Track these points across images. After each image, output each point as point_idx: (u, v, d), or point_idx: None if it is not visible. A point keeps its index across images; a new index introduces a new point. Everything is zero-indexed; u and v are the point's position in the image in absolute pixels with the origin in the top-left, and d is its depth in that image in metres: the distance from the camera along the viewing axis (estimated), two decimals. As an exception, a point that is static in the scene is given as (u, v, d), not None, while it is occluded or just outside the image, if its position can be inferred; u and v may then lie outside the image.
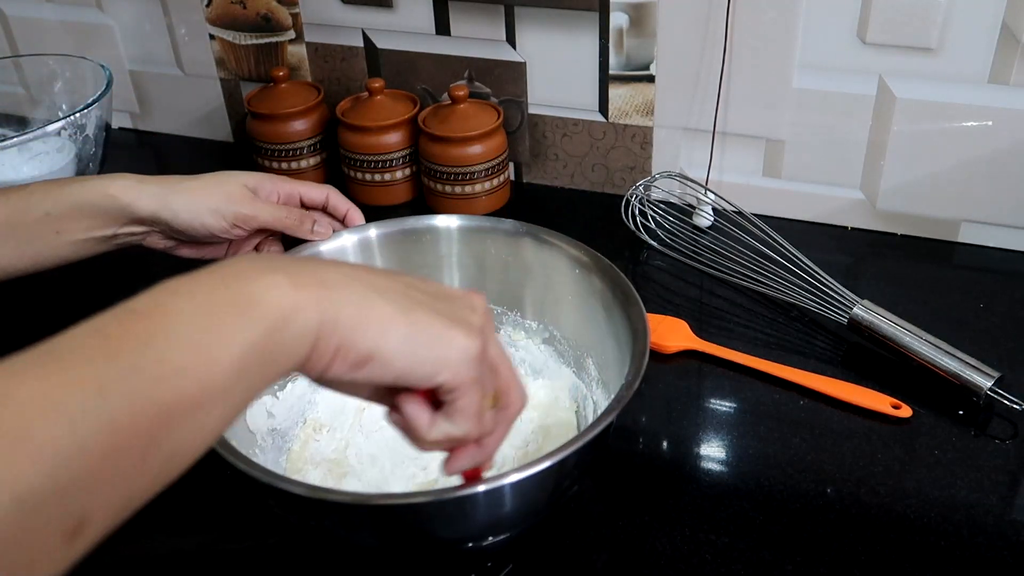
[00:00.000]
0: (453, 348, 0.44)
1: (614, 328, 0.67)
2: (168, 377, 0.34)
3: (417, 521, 0.56)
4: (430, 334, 0.44)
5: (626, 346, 0.63)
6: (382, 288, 0.44)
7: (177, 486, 0.37)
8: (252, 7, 1.09)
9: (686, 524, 0.64)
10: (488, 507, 0.55)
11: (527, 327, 0.76)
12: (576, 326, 0.73)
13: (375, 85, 1.00)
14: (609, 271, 0.69)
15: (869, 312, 0.78)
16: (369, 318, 0.42)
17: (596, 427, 0.55)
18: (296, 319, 0.39)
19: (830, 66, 0.89)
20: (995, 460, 0.69)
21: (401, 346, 0.43)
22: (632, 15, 0.93)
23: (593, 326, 0.70)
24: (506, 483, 0.52)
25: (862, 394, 0.74)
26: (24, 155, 1.03)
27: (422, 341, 0.44)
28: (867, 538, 0.63)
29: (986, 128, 0.87)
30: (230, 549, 0.66)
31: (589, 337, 0.72)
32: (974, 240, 0.93)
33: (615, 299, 0.67)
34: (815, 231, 0.97)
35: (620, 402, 0.57)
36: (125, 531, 0.35)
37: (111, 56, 1.18)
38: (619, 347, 0.65)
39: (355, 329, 0.42)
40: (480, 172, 0.97)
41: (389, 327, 0.43)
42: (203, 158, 1.19)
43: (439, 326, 0.44)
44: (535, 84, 1.01)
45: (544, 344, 0.76)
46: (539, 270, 0.74)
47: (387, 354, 0.42)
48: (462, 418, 0.46)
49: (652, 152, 1.00)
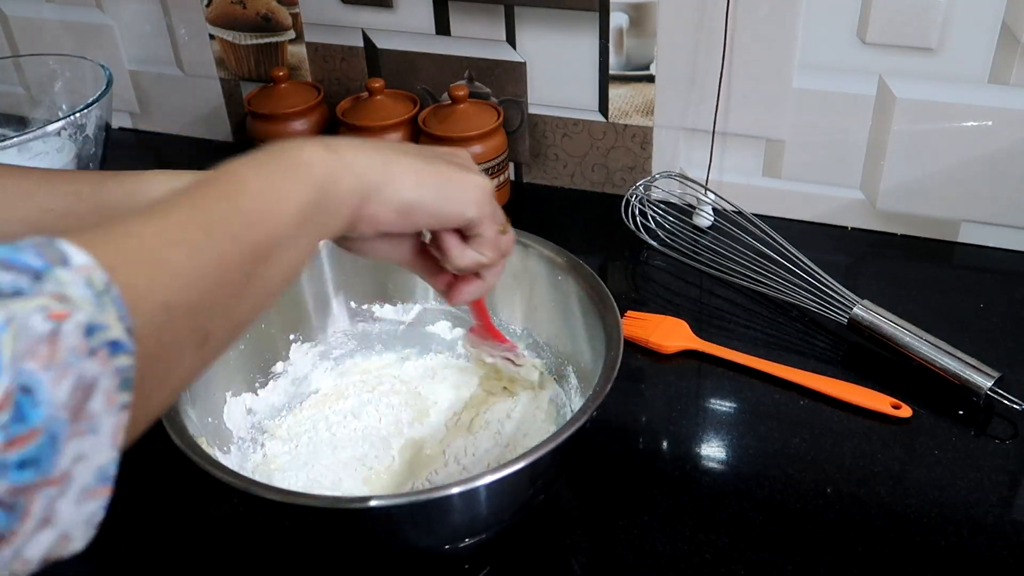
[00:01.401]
0: (474, 187, 0.53)
1: (590, 333, 0.67)
2: (252, 223, 0.42)
3: (393, 523, 0.56)
4: (454, 179, 0.52)
5: (601, 353, 0.63)
6: (403, 149, 0.52)
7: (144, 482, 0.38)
8: (252, 7, 1.09)
9: (686, 524, 0.64)
10: (463, 509, 0.56)
11: (511, 332, 0.76)
12: (558, 333, 0.73)
13: (375, 85, 1.00)
14: (588, 277, 0.69)
15: (869, 312, 0.78)
16: (404, 174, 0.50)
17: (569, 428, 0.56)
18: (337, 180, 0.47)
19: (830, 66, 0.89)
20: (995, 460, 0.69)
21: (436, 191, 0.51)
22: (632, 15, 0.93)
23: (570, 333, 0.71)
24: (480, 484, 0.53)
25: (862, 394, 0.74)
26: (24, 155, 1.02)
27: (450, 186, 0.52)
28: (867, 538, 0.63)
29: (986, 128, 0.87)
30: (203, 551, 0.66)
31: (567, 344, 0.72)
32: (974, 240, 0.93)
33: (592, 304, 0.67)
34: (815, 231, 0.97)
35: (595, 400, 0.58)
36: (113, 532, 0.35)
37: (111, 56, 1.18)
38: (595, 354, 0.65)
39: (393, 185, 0.49)
40: (480, 172, 0.97)
41: (421, 178, 0.51)
42: (203, 158, 1.18)
43: (456, 172, 0.53)
44: (535, 84, 1.01)
45: (528, 350, 0.75)
46: (522, 275, 0.73)
47: (425, 201, 0.51)
48: (486, 246, 0.56)
49: (652, 152, 1.00)
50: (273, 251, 0.43)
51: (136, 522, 0.66)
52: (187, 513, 0.68)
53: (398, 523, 0.56)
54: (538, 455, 0.54)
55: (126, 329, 0.33)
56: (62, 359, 0.30)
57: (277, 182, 0.45)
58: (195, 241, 0.39)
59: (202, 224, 0.40)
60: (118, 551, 0.64)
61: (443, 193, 0.52)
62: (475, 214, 0.53)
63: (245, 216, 0.42)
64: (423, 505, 0.54)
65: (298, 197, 0.45)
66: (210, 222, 0.41)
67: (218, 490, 0.54)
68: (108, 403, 0.32)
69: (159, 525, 0.67)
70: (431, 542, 0.60)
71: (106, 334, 0.32)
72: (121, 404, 0.33)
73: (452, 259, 0.56)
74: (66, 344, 0.30)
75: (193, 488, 0.67)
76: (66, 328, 0.31)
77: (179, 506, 0.68)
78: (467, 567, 0.63)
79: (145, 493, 0.67)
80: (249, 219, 0.42)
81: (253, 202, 0.43)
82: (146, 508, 0.67)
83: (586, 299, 0.68)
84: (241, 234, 0.42)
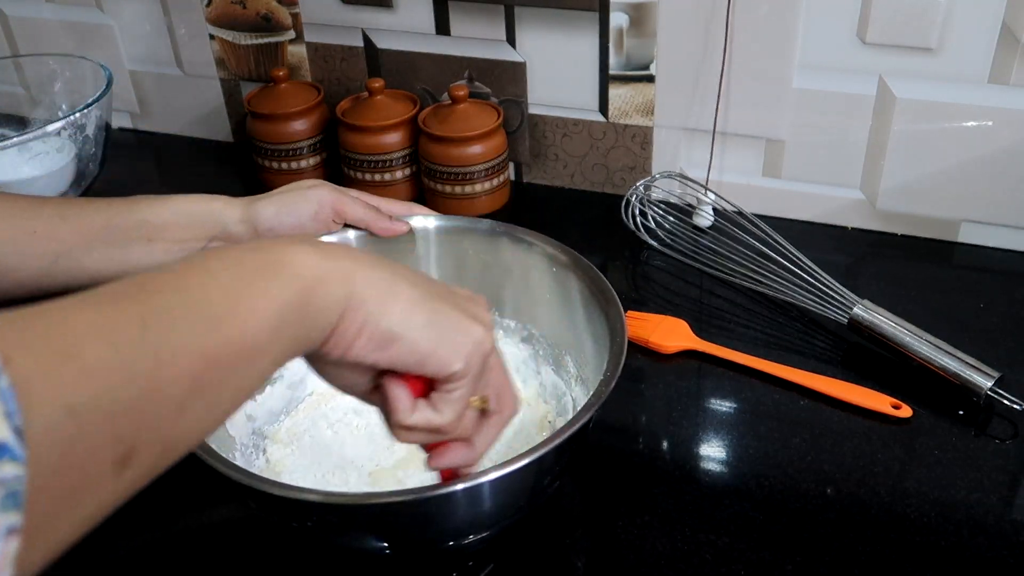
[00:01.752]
0: (470, 338, 0.46)
1: (592, 326, 0.67)
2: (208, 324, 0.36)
3: (397, 520, 0.56)
4: (451, 323, 0.46)
5: (604, 344, 0.63)
6: (406, 275, 0.46)
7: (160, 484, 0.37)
8: (252, 7, 1.09)
9: (686, 524, 0.64)
10: (468, 505, 0.56)
11: (505, 326, 0.76)
12: (554, 324, 0.73)
13: (375, 85, 1.00)
14: (588, 270, 0.69)
15: (869, 312, 0.78)
16: (396, 299, 0.44)
17: (575, 423, 0.55)
18: (326, 285, 0.41)
19: (830, 66, 0.89)
20: (995, 460, 0.69)
21: (424, 331, 0.45)
22: (632, 15, 0.93)
23: (571, 324, 0.71)
24: (485, 481, 0.52)
25: (862, 394, 0.74)
26: (24, 155, 1.03)
27: (444, 329, 0.46)
28: (867, 538, 0.63)
29: (986, 128, 0.87)
30: (212, 548, 0.66)
31: (567, 335, 0.72)
32: (974, 240, 0.93)
33: (593, 298, 0.67)
34: (815, 231, 0.97)
35: (599, 398, 0.57)
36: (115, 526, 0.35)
37: (111, 56, 1.18)
38: (597, 345, 0.65)
39: (381, 307, 0.43)
40: (480, 172, 0.97)
41: (413, 311, 0.44)
42: (203, 158, 1.19)
43: (457, 317, 0.46)
44: (535, 84, 1.01)
45: (523, 343, 0.75)
46: (517, 270, 0.74)
47: (411, 336, 0.44)
48: (448, 408, 0.47)
49: (652, 152, 1.00)
50: (234, 360, 0.37)
51: (150, 528, 0.66)
52: (198, 518, 0.68)
53: (404, 519, 0.56)
54: (544, 451, 0.53)
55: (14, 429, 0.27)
56: None
57: (250, 280, 0.39)
58: (126, 337, 0.33)
59: (140, 318, 0.34)
60: (124, 555, 0.64)
61: (434, 335, 0.45)
62: (460, 368, 0.46)
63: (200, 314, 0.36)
64: (429, 501, 0.53)
65: (275, 297, 0.39)
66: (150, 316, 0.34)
67: (225, 493, 0.53)
68: None
69: (176, 533, 0.67)
70: (436, 538, 0.60)
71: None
72: (6, 528, 0.27)
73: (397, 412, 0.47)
74: None
75: (196, 492, 0.67)
76: None
77: (189, 511, 0.68)
78: (471, 564, 0.63)
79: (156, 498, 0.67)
80: (205, 318, 0.36)
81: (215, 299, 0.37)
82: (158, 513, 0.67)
83: (587, 292, 0.68)
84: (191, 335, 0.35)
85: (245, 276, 0.39)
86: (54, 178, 1.02)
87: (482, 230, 0.75)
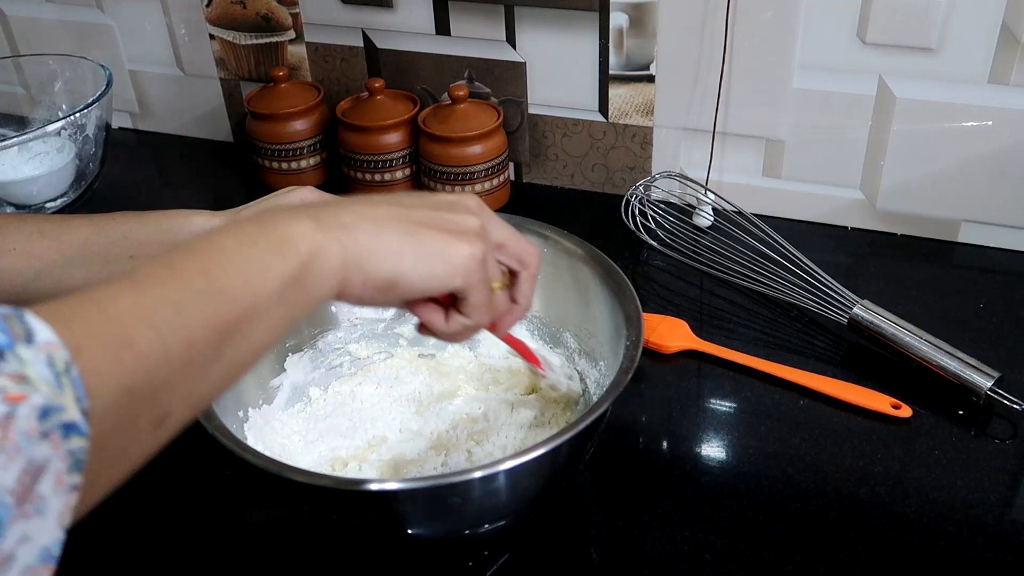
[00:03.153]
0: (459, 256, 0.50)
1: (598, 301, 0.68)
2: (228, 300, 0.42)
3: (414, 507, 0.57)
4: (437, 249, 0.50)
5: (608, 316, 0.64)
6: (389, 218, 0.50)
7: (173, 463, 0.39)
8: (252, 7, 1.09)
9: (686, 524, 0.64)
10: (484, 493, 0.56)
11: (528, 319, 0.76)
12: (549, 305, 0.74)
13: (375, 85, 1.00)
14: (601, 260, 0.69)
15: (869, 312, 0.78)
16: (385, 250, 0.48)
17: (592, 414, 0.56)
18: (322, 257, 0.46)
19: (830, 66, 0.89)
20: (995, 460, 0.69)
21: (416, 266, 0.49)
22: (632, 15, 0.93)
23: (570, 303, 0.71)
24: (501, 470, 0.53)
25: (862, 394, 0.74)
26: (24, 155, 1.03)
27: (432, 258, 0.50)
28: (867, 538, 0.63)
29: (986, 128, 0.87)
30: (228, 536, 0.66)
31: (566, 313, 0.72)
32: (974, 240, 0.93)
33: (605, 285, 0.68)
34: (815, 231, 0.97)
35: (616, 388, 0.58)
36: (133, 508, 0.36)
37: (111, 56, 1.18)
38: (604, 319, 0.66)
39: (374, 262, 0.48)
40: (480, 172, 0.97)
41: (403, 251, 0.49)
42: (203, 158, 1.19)
43: (443, 240, 0.50)
44: (535, 84, 1.01)
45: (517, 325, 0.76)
46: None
47: (406, 276, 0.49)
48: (475, 311, 0.53)
49: (652, 152, 1.00)
50: (247, 327, 0.43)
51: (164, 501, 0.66)
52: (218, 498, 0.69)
53: (421, 506, 0.57)
54: (559, 441, 0.54)
55: (82, 411, 0.33)
56: (13, 443, 0.30)
57: (258, 256, 0.44)
58: (166, 321, 0.38)
59: (175, 302, 0.39)
60: (141, 553, 0.64)
61: (428, 266, 0.50)
62: (460, 284, 0.51)
63: (222, 294, 0.42)
64: (447, 488, 0.54)
65: (278, 271, 0.44)
66: (183, 300, 0.40)
67: (244, 475, 0.52)
68: (57, 485, 0.32)
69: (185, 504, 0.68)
70: (453, 526, 0.61)
71: (61, 416, 0.32)
72: (71, 485, 0.32)
73: (437, 331, 0.55)
74: (19, 428, 0.30)
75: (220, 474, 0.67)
76: (21, 412, 0.30)
77: (210, 490, 0.69)
78: (487, 553, 0.63)
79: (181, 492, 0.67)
80: (226, 296, 0.42)
81: (232, 278, 0.43)
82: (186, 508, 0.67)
83: (597, 279, 0.69)
84: (215, 312, 0.41)
85: (256, 256, 0.44)
86: (54, 178, 1.02)
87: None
